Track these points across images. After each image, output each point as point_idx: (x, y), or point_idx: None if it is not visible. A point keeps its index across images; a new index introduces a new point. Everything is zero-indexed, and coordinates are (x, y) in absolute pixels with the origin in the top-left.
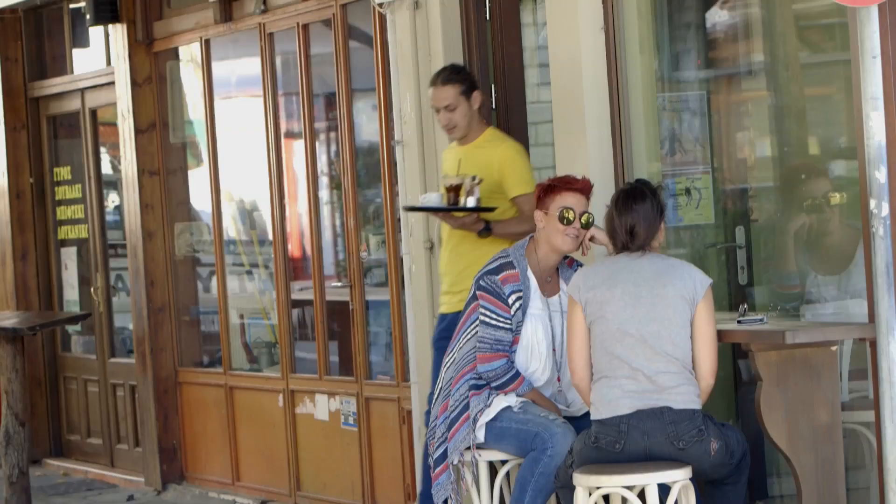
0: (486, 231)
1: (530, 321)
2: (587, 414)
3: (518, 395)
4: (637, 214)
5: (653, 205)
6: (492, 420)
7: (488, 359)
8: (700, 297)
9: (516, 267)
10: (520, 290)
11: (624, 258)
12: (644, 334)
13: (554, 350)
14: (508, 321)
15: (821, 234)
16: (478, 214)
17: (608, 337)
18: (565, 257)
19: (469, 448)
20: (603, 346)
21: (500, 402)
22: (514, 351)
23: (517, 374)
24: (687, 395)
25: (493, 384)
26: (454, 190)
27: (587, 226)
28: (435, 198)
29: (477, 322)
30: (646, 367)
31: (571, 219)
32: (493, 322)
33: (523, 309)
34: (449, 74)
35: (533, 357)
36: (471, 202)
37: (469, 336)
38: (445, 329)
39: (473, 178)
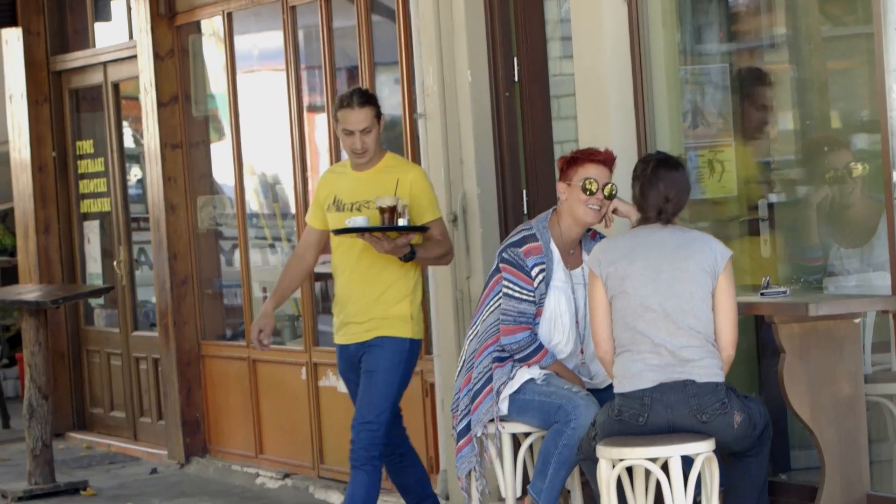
0: (412, 255)
1: (553, 293)
2: (610, 386)
3: (541, 368)
4: (672, 183)
5: (685, 174)
6: (515, 392)
7: (511, 331)
8: (721, 269)
9: (539, 239)
10: (543, 263)
11: (644, 231)
12: (666, 309)
13: (577, 322)
14: (531, 293)
15: (843, 206)
16: (407, 238)
17: (630, 312)
18: (588, 229)
19: (492, 420)
20: (624, 320)
21: (524, 374)
22: (538, 323)
23: (540, 346)
24: (710, 368)
25: (517, 356)
26: (390, 211)
27: (610, 197)
28: (361, 220)
29: (500, 294)
30: (668, 341)
31: (594, 190)
32: (517, 294)
33: (546, 281)
34: (363, 97)
35: (556, 329)
36: (402, 223)
37: (492, 308)
38: (349, 360)
39: (403, 201)
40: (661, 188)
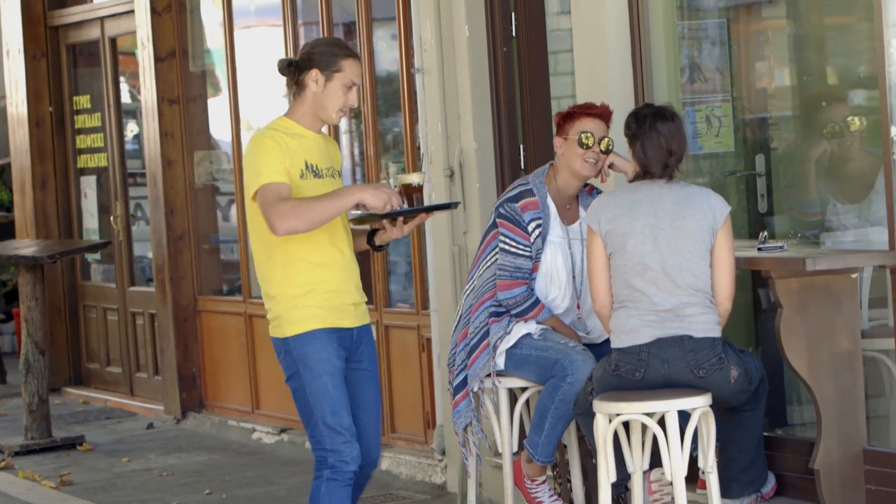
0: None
1: (550, 248)
2: (607, 341)
3: (538, 323)
4: (673, 135)
5: (681, 123)
6: (512, 347)
7: (508, 286)
8: (720, 225)
9: (536, 194)
10: (539, 218)
11: (644, 187)
12: (666, 267)
13: (574, 277)
14: (528, 249)
15: (841, 161)
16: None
17: (629, 269)
18: (585, 185)
19: (489, 375)
20: (624, 278)
21: (520, 329)
22: (534, 278)
23: (537, 301)
24: (707, 323)
25: (514, 311)
26: (419, 190)
27: (607, 151)
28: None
29: (496, 250)
30: (667, 300)
31: (591, 144)
32: (513, 250)
33: (543, 236)
34: None
35: (553, 284)
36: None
37: (489, 264)
38: (347, 347)
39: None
40: (663, 142)
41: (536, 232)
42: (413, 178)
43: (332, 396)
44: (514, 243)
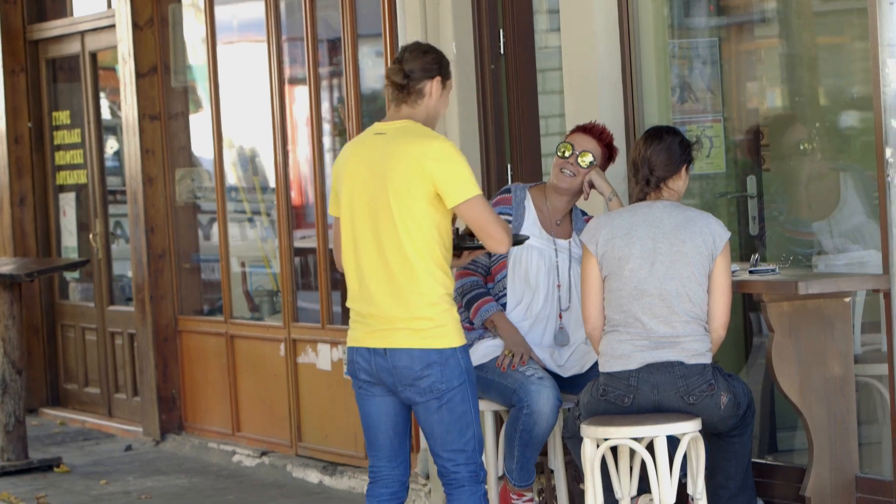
0: None
1: (525, 250)
2: (592, 369)
3: (482, 318)
4: (662, 147)
5: (680, 143)
6: (478, 370)
7: (461, 275)
8: (719, 251)
9: (512, 194)
10: (510, 214)
11: (644, 209)
12: (662, 292)
13: (558, 286)
14: None
15: (810, 177)
16: None
17: (625, 295)
18: (584, 213)
19: None
20: (619, 302)
21: (483, 348)
22: (504, 276)
23: (483, 293)
24: (699, 350)
25: (463, 299)
26: None
27: (586, 166)
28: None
29: None
30: (661, 327)
31: (566, 154)
32: None
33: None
34: None
35: (527, 286)
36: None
37: None
38: None
39: None
40: (648, 153)
41: None
42: None
43: None
44: None
